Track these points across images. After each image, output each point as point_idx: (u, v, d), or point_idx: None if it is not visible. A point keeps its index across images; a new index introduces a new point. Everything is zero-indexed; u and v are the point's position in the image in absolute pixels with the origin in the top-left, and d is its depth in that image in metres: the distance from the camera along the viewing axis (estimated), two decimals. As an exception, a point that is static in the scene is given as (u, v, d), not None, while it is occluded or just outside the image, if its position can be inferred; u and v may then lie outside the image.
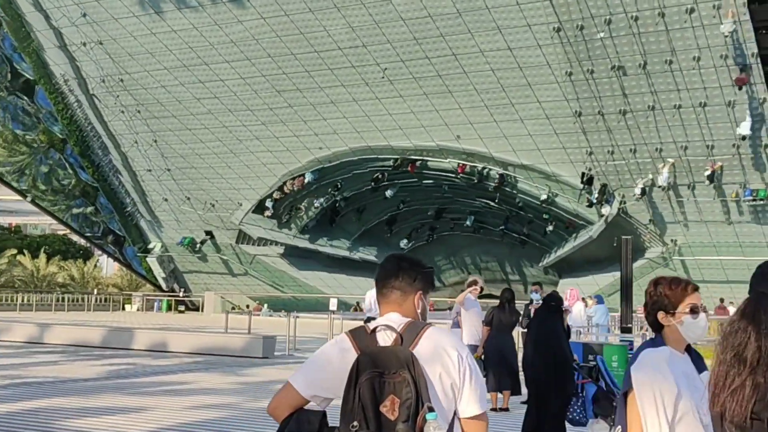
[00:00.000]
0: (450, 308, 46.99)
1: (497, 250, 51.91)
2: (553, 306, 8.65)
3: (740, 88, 37.65)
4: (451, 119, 40.92)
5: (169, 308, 50.96)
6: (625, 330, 15.13)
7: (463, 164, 43.31)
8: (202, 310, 48.20)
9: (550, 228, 45.00)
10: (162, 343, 20.54)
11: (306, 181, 46.20)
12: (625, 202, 42.12)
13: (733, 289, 39.73)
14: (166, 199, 50.52)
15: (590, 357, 9.07)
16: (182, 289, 53.73)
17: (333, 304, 21.85)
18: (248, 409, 11.89)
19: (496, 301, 13.06)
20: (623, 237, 15.63)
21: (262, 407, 12.54)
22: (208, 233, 51.06)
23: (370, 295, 17.86)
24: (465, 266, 54.73)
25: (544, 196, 42.59)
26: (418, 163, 44.26)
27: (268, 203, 47.87)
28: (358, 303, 20.64)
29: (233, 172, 47.40)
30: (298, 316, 22.94)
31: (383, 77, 39.40)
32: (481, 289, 13.22)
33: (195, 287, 54.36)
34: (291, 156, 45.34)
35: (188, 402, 12.32)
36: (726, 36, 35.96)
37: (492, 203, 46.12)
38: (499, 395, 12.21)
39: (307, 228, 50.61)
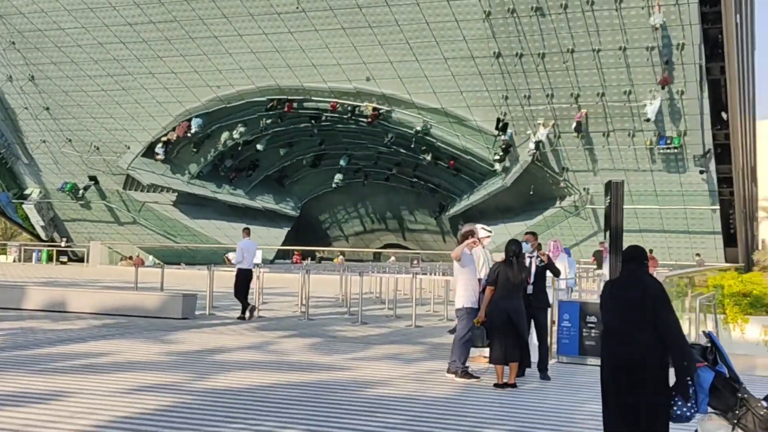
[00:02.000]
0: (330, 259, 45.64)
1: (403, 199, 49.98)
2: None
3: (663, 87, 37.06)
4: (369, 58, 38.39)
5: (49, 259, 46.73)
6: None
7: (335, 102, 40.96)
8: (87, 262, 44.32)
9: (428, 158, 43.10)
10: (61, 302, 17.55)
11: (192, 130, 42.79)
12: (543, 149, 40.87)
13: (644, 237, 39.27)
14: (44, 141, 46.15)
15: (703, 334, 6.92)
16: (64, 239, 49.51)
17: (258, 257, 19.25)
18: (197, 391, 9.41)
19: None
20: (613, 181, 13.72)
21: (212, 388, 9.58)
22: (92, 178, 47.07)
23: (242, 247, 17.61)
24: (369, 216, 52.72)
25: (419, 127, 40.73)
26: (338, 107, 41.64)
27: (159, 149, 44.27)
28: (226, 255, 18.41)
29: (123, 111, 43.43)
30: (215, 269, 20.30)
31: (298, 8, 36.38)
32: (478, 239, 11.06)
33: (77, 237, 50.24)
34: (189, 94, 41.78)
35: (116, 382, 9.71)
36: (656, 29, 35.26)
37: (403, 150, 44.12)
38: (506, 368, 10.15)
39: (202, 174, 47.26)
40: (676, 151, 38.27)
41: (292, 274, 32.22)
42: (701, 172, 37.71)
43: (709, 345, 6.38)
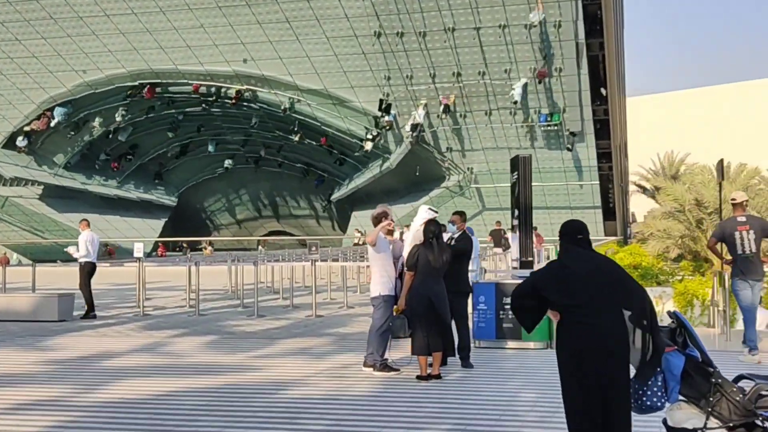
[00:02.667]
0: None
1: (288, 185, 48.71)
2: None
3: (540, 82, 37.39)
4: (247, 38, 36.94)
5: None
6: (526, 264, 12.90)
7: (198, 84, 39.59)
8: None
9: (296, 139, 42.30)
10: None
11: (55, 120, 40.24)
12: (423, 130, 40.60)
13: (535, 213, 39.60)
14: None
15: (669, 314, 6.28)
16: None
17: (138, 250, 17.89)
18: (88, 405, 8.25)
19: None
20: (521, 155, 13.23)
21: (106, 401, 8.36)
22: (-50, 173, 43.65)
23: (86, 239, 16.63)
24: (252, 203, 51.20)
25: (287, 104, 39.86)
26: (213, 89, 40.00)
27: (20, 141, 41.46)
28: (67, 249, 17.21)
29: (-21, 100, 40.42)
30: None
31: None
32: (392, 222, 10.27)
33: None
34: (53, 79, 39.18)
35: (-8, 402, 8.41)
36: (534, 26, 35.44)
37: (279, 133, 42.93)
38: (429, 359, 9.42)
39: (69, 165, 44.64)
40: (556, 128, 38.77)
41: (175, 267, 30.74)
42: (568, 149, 38.26)
43: (675, 326, 5.79)
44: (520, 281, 12.07)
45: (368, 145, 40.56)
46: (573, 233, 5.70)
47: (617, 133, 38.65)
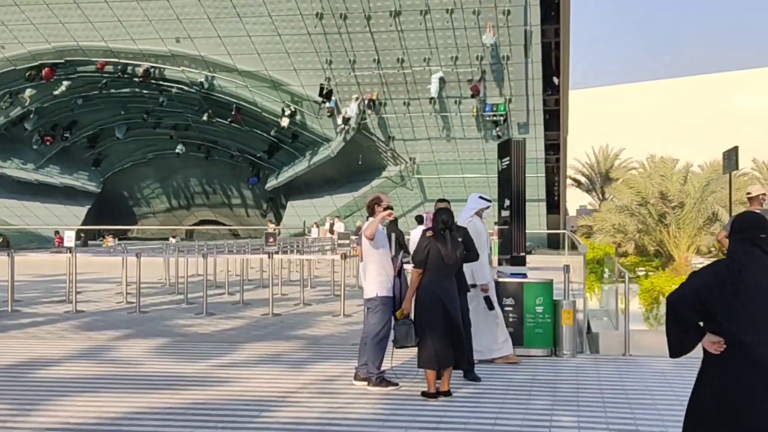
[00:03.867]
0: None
1: (220, 172, 46.55)
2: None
3: (473, 96, 36.52)
4: (184, 14, 34.84)
5: None
6: (517, 261, 11.61)
7: (104, 61, 37.49)
8: None
9: (205, 118, 40.48)
10: None
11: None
12: (364, 118, 39.18)
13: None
14: None
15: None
16: None
17: (69, 238, 16.05)
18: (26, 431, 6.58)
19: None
20: (513, 139, 11.95)
21: (48, 426, 6.75)
22: None
23: None
24: (182, 190, 48.88)
25: (201, 79, 37.99)
26: (149, 70, 37.68)
27: None
28: None
29: None
30: (15, 254, 16.80)
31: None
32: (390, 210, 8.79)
33: None
34: (-32, 53, 36.34)
35: None
36: (487, 47, 35.01)
37: (223, 121, 40.90)
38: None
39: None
40: (502, 118, 37.81)
41: (103, 257, 28.72)
42: (498, 137, 37.32)
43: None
44: (519, 279, 10.87)
45: (284, 122, 38.78)
46: (755, 230, 4.24)
47: (568, 124, 37.88)
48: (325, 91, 38.20)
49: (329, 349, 10.78)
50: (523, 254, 11.90)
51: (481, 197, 9.68)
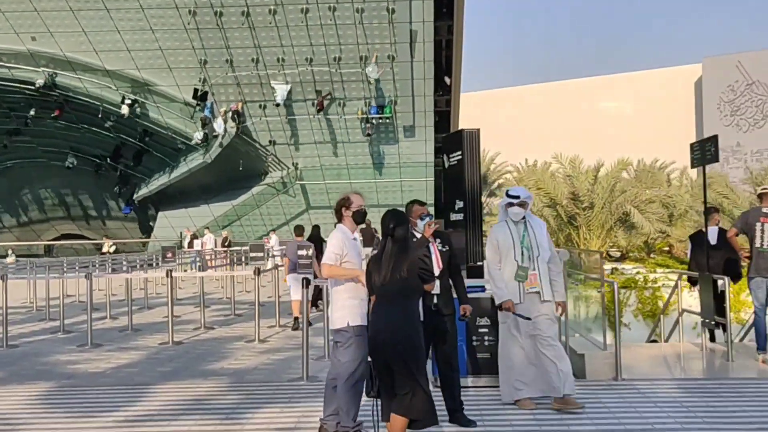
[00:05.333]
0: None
1: (83, 182, 42.80)
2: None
3: (318, 112, 35.21)
4: (43, 5, 31.53)
5: None
6: (475, 272, 9.90)
7: None
8: None
9: (33, 113, 37.25)
10: None
11: None
12: (243, 122, 36.84)
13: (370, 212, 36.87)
14: None
15: None
16: None
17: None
18: None
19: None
20: (466, 130, 10.29)
21: None
22: None
23: None
24: (40, 202, 44.80)
25: (40, 81, 34.95)
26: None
27: None
28: None
29: None
30: None
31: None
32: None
33: None
34: None
35: None
36: (371, 83, 34.36)
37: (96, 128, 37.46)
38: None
39: None
40: (387, 121, 36.39)
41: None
42: (368, 135, 36.01)
43: None
44: (478, 294, 9.15)
45: (124, 110, 35.69)
46: None
47: (456, 127, 36.80)
48: (200, 93, 35.62)
49: (262, 389, 8.76)
50: (480, 264, 10.28)
51: (509, 194, 7.76)
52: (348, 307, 6.52)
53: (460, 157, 10.35)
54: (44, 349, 12.30)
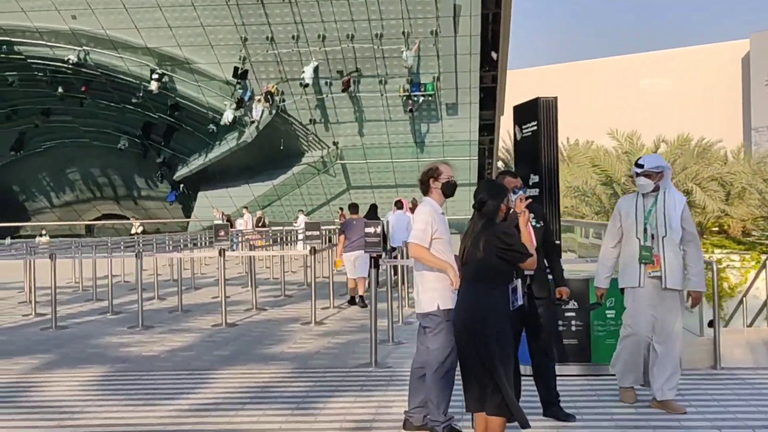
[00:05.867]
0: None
1: (122, 162, 42.57)
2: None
3: (343, 91, 34.41)
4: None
5: None
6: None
7: None
8: None
9: (61, 90, 37.12)
10: None
11: None
12: (284, 100, 36.27)
13: (401, 192, 36.21)
14: None
15: None
16: None
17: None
18: None
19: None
20: (542, 98, 9.57)
21: None
22: None
23: None
24: (81, 182, 44.73)
25: (72, 58, 34.55)
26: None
27: None
28: None
29: None
30: None
31: None
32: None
33: None
34: None
35: None
36: (406, 67, 33.56)
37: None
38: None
39: None
40: (430, 98, 35.60)
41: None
42: (410, 111, 35.05)
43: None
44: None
45: (153, 86, 35.28)
46: None
47: (502, 104, 35.86)
48: (240, 72, 35.11)
49: (330, 376, 8.18)
50: (558, 242, 9.58)
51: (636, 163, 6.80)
52: (438, 289, 5.89)
53: (535, 127, 9.61)
54: (94, 330, 11.87)
